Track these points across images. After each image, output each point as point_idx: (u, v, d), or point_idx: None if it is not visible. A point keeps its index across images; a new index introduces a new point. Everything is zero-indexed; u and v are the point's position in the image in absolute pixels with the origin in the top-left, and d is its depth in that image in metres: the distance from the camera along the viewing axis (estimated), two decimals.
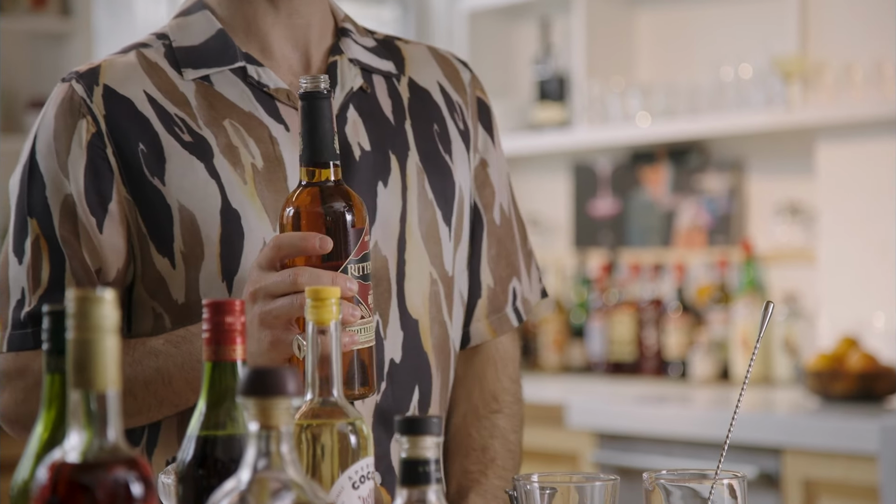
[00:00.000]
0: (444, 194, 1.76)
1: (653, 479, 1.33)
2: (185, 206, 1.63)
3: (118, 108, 1.65)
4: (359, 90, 1.75)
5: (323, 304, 1.24)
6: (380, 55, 1.80)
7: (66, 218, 1.64)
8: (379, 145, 1.73)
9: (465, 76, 1.85)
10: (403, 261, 1.71)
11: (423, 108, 1.79)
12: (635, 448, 3.64)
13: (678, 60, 4.52)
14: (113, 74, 1.67)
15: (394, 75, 1.79)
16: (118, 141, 1.64)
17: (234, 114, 1.68)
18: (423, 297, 1.73)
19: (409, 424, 1.10)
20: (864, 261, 3.93)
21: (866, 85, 3.79)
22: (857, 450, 3.19)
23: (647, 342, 4.37)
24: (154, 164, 1.64)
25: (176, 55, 1.70)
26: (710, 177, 4.43)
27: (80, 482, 0.93)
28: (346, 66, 1.74)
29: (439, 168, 1.77)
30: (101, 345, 0.96)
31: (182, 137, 1.65)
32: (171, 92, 1.68)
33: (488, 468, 1.77)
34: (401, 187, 1.73)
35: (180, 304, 1.65)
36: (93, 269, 1.65)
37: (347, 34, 1.77)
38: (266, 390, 1.00)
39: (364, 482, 1.24)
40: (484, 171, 1.84)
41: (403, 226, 1.72)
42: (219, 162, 1.65)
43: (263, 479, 1.00)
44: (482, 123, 1.85)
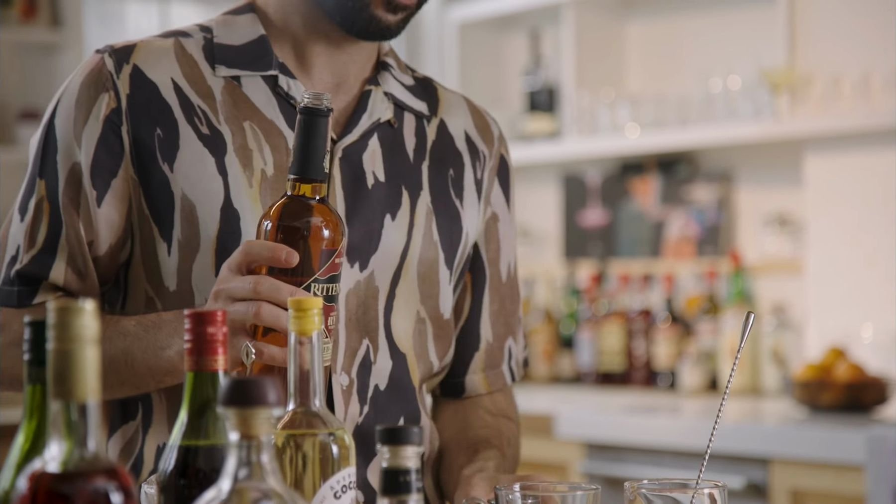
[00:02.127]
0: (451, 238, 1.77)
1: (634, 489, 1.34)
2: (187, 196, 1.65)
3: (142, 90, 1.67)
4: (386, 122, 1.76)
5: (305, 314, 1.25)
6: (416, 94, 1.81)
7: (71, 185, 1.66)
8: (394, 179, 1.74)
9: (495, 131, 1.87)
10: (393, 295, 1.72)
11: (445, 152, 1.80)
12: (624, 458, 3.65)
13: (667, 72, 4.53)
14: (146, 56, 1.69)
15: (425, 116, 1.80)
16: (135, 121, 1.66)
17: (256, 118, 1.69)
18: (408, 333, 1.74)
19: (389, 434, 1.11)
20: (851, 272, 3.94)
21: (854, 96, 3.81)
22: (844, 460, 3.20)
23: (637, 353, 4.38)
24: (167, 150, 1.66)
25: (214, 50, 1.72)
26: (699, 188, 4.44)
27: (59, 492, 0.94)
28: (380, 98, 1.76)
29: (449, 212, 1.78)
30: (82, 355, 0.96)
31: (200, 129, 1.67)
32: (199, 83, 1.69)
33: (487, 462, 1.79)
34: (408, 224, 1.73)
35: (171, 291, 1.66)
36: (85, 240, 1.67)
37: (388, 68, 1.79)
38: (246, 400, 1.00)
39: (346, 492, 1.24)
40: (494, 226, 1.85)
41: (402, 262, 1.72)
42: (230, 160, 1.66)
43: (244, 488, 1.00)
44: (500, 180, 1.86)
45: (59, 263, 1.67)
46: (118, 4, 5.23)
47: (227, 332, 1.15)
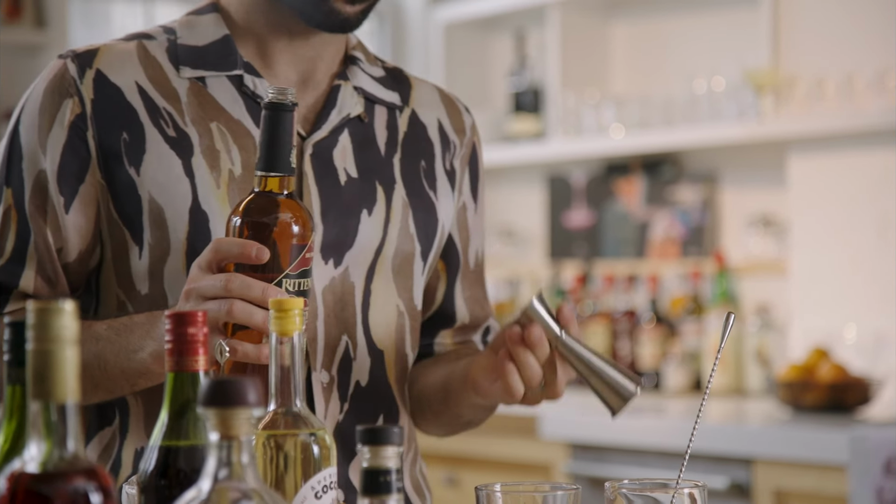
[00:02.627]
0: (427, 230, 1.77)
1: (615, 489, 1.34)
2: (155, 200, 1.64)
3: (106, 94, 1.66)
4: (356, 118, 1.75)
5: (286, 315, 1.25)
6: (386, 85, 1.81)
7: (37, 193, 1.66)
8: (366, 174, 1.73)
9: (467, 120, 1.87)
10: (369, 291, 1.72)
11: (416, 142, 1.80)
12: (609, 459, 3.65)
13: (652, 73, 4.54)
14: (108, 60, 1.68)
15: (397, 107, 1.80)
16: (101, 126, 1.65)
17: (223, 118, 1.69)
18: (388, 328, 1.74)
19: (370, 434, 1.11)
20: (835, 272, 3.96)
21: (838, 98, 3.82)
22: (827, 460, 3.21)
23: (621, 353, 4.38)
24: (134, 153, 1.65)
25: (178, 52, 1.71)
26: (684, 189, 4.45)
27: (38, 492, 0.94)
28: (349, 93, 1.75)
29: (424, 204, 1.78)
30: (61, 355, 0.96)
31: (166, 131, 1.66)
32: (164, 85, 1.69)
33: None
34: (384, 219, 1.73)
35: (143, 294, 1.66)
36: (54, 247, 1.66)
37: (356, 62, 1.79)
38: (226, 400, 1.00)
39: (327, 492, 1.25)
40: (464, 214, 1.85)
41: (377, 257, 1.72)
42: (197, 161, 1.66)
43: (223, 488, 1.00)
44: (470, 169, 1.86)
45: (29, 272, 1.66)
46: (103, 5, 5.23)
47: (207, 332, 1.15)
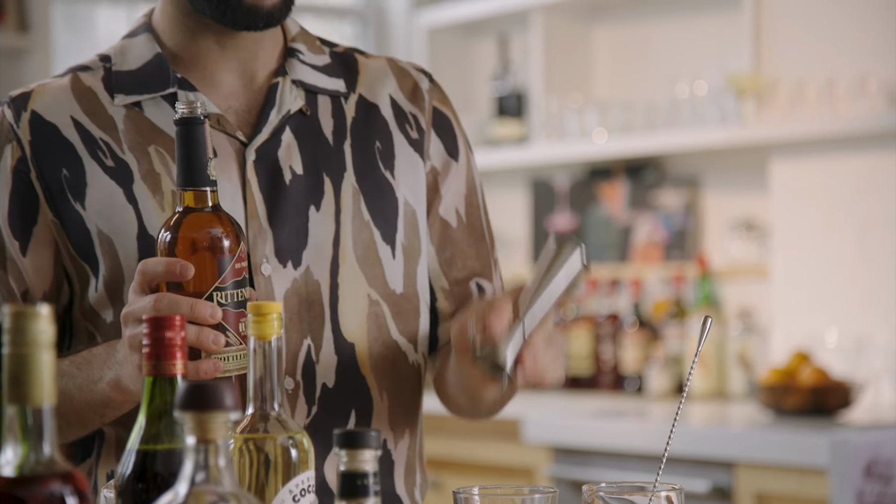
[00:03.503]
0: (384, 213, 1.75)
1: (592, 492, 1.35)
2: (102, 231, 1.65)
3: (43, 134, 1.68)
4: (297, 112, 1.74)
5: (264, 319, 1.26)
6: (330, 73, 1.79)
7: None
8: (313, 168, 1.72)
9: (423, 85, 1.84)
10: (336, 284, 1.71)
11: (367, 125, 1.78)
12: (591, 462, 3.66)
13: (634, 77, 4.55)
14: (42, 100, 1.70)
15: (342, 94, 1.78)
16: (41, 166, 1.67)
17: (161, 140, 1.68)
18: (359, 319, 1.72)
19: (347, 438, 1.12)
20: (817, 276, 3.97)
21: (819, 102, 3.83)
22: (808, 463, 3.22)
23: (604, 357, 4.39)
24: (76, 188, 1.66)
25: (112, 79, 1.72)
26: (667, 193, 4.46)
27: (14, 496, 0.94)
28: (288, 89, 1.74)
29: (378, 186, 1.75)
30: (37, 359, 0.97)
31: (105, 162, 1.67)
32: (100, 116, 1.69)
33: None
34: (334, 210, 1.72)
35: (108, 322, 1.67)
36: (18, 291, 1.68)
37: (295, 54, 1.77)
38: (203, 404, 1.01)
39: (305, 495, 1.25)
40: (434, 178, 1.81)
41: (336, 249, 1.71)
42: (138, 188, 1.66)
43: (200, 492, 1.01)
44: (436, 131, 1.82)
45: None
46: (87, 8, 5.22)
47: (184, 336, 1.15)
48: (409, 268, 1.77)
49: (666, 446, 1.40)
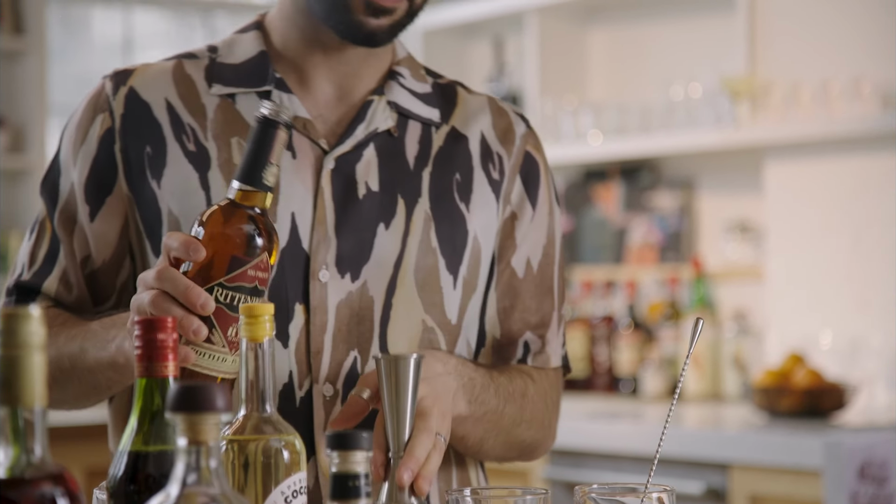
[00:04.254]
0: (453, 242, 1.74)
1: (584, 494, 1.35)
2: (172, 212, 1.68)
3: (135, 110, 1.72)
4: (385, 132, 1.75)
5: (256, 321, 1.26)
6: (427, 102, 1.79)
7: (67, 205, 1.73)
8: (389, 188, 1.72)
9: (518, 129, 1.83)
10: (390, 304, 1.70)
11: (451, 156, 1.78)
12: (586, 464, 3.66)
13: (629, 79, 4.56)
14: (142, 79, 1.74)
15: (434, 123, 1.78)
16: (127, 140, 1.71)
17: (245, 133, 1.70)
18: (410, 343, 1.71)
19: (339, 439, 1.12)
20: (811, 278, 3.97)
21: (813, 104, 3.84)
22: (802, 465, 3.23)
23: (599, 359, 4.40)
24: (155, 167, 1.70)
25: (214, 70, 1.75)
26: (661, 195, 4.46)
27: (6, 497, 0.94)
28: (381, 108, 1.75)
29: (451, 216, 1.75)
30: (29, 361, 0.97)
31: (187, 146, 1.70)
32: (192, 102, 1.73)
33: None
34: (403, 232, 1.72)
35: None
36: (79, 256, 1.72)
37: (396, 77, 1.78)
38: (194, 406, 1.01)
39: (297, 497, 1.25)
40: (511, 224, 1.80)
41: (397, 270, 1.70)
42: (213, 175, 1.68)
43: (192, 493, 1.01)
44: (522, 177, 1.81)
45: (53, 278, 1.73)
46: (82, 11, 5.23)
47: (176, 338, 1.16)
48: (464, 301, 1.76)
49: (658, 448, 1.40)
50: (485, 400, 1.67)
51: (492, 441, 1.71)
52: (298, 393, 1.65)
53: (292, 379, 1.65)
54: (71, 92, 5.03)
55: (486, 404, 1.67)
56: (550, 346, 1.81)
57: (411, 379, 1.44)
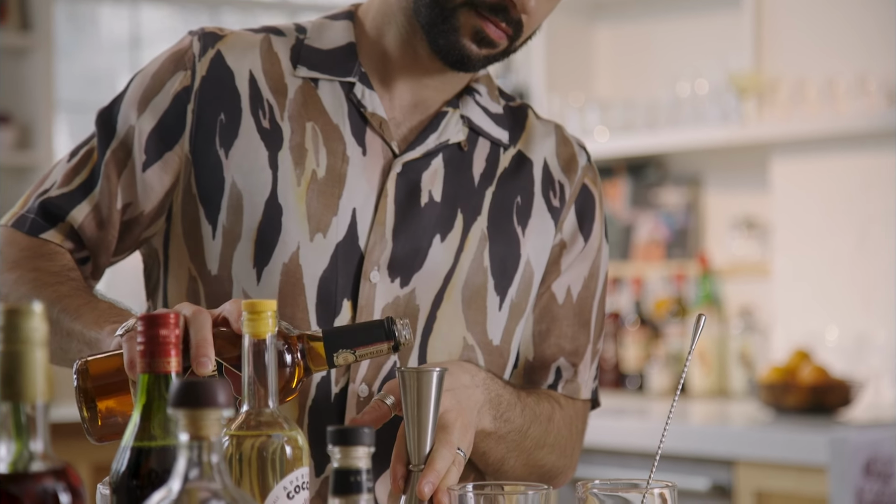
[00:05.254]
0: (504, 264, 1.73)
1: (586, 489, 1.36)
2: (236, 185, 1.67)
3: (218, 75, 1.71)
4: (456, 145, 1.75)
5: (259, 317, 1.26)
6: (499, 122, 1.79)
7: (122, 146, 1.71)
8: (451, 201, 1.72)
9: (580, 160, 1.82)
10: (434, 317, 1.70)
11: (514, 179, 1.77)
12: (592, 460, 3.66)
13: (636, 76, 4.56)
14: (231, 45, 1.73)
15: (503, 144, 1.78)
16: (202, 102, 1.70)
17: (321, 120, 1.71)
18: (448, 357, 1.70)
19: (340, 435, 1.12)
20: (817, 275, 3.97)
21: (819, 101, 3.84)
22: (807, 462, 3.23)
23: (606, 355, 4.40)
24: (226, 136, 1.69)
25: (301, 51, 1.74)
26: (668, 191, 4.46)
27: (8, 492, 0.95)
28: (454, 120, 1.75)
29: (506, 238, 1.74)
30: (31, 357, 0.97)
31: (261, 122, 1.70)
32: (275, 80, 1.72)
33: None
34: (457, 247, 1.71)
35: (213, 275, 1.68)
36: (122, 200, 1.70)
37: (472, 93, 1.78)
38: (196, 401, 1.01)
39: (299, 492, 1.26)
40: (559, 251, 1.79)
41: (446, 284, 1.70)
42: (283, 156, 1.68)
43: (194, 489, 1.01)
44: (576, 208, 1.80)
45: (85, 206, 1.70)
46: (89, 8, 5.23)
47: (179, 334, 1.16)
48: (510, 323, 1.75)
49: (659, 444, 1.41)
50: (510, 418, 1.66)
51: (513, 461, 1.70)
52: (334, 389, 1.65)
53: (330, 374, 1.65)
54: (78, 89, 5.03)
55: (511, 422, 1.66)
56: (582, 377, 1.80)
57: (434, 393, 1.45)
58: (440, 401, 1.46)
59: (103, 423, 1.39)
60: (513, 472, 1.71)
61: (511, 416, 1.66)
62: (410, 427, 1.46)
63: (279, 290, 1.65)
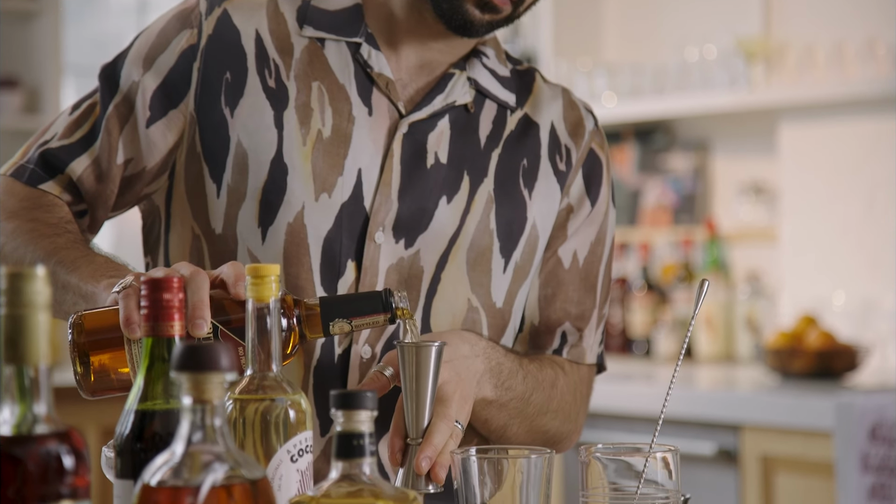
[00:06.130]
0: (510, 227, 1.74)
1: (589, 453, 1.36)
2: (241, 144, 1.67)
3: (224, 34, 1.71)
4: (462, 107, 1.75)
5: (262, 281, 1.27)
6: (506, 85, 1.79)
7: (124, 102, 1.71)
8: (457, 163, 1.72)
9: (587, 124, 1.82)
10: (439, 278, 1.70)
11: (521, 142, 1.77)
12: (598, 425, 3.67)
13: (644, 41, 4.55)
14: (238, 4, 1.73)
15: (509, 107, 1.78)
16: (208, 60, 1.70)
17: (327, 80, 1.71)
18: (453, 319, 1.71)
19: (343, 399, 1.13)
20: (825, 240, 3.97)
21: (828, 66, 3.83)
22: (813, 426, 3.23)
23: (613, 320, 4.40)
24: (231, 95, 1.69)
25: (307, 12, 1.74)
26: (676, 157, 4.46)
27: (12, 454, 0.95)
28: (461, 82, 1.75)
29: (512, 201, 1.74)
30: (33, 320, 0.98)
31: (267, 81, 1.70)
32: (282, 39, 1.72)
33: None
34: (463, 209, 1.72)
35: (217, 234, 1.68)
36: (124, 155, 1.70)
37: (479, 56, 1.78)
38: (199, 365, 1.02)
39: (302, 455, 1.26)
40: (566, 216, 1.79)
41: (451, 246, 1.70)
42: (288, 115, 1.68)
43: (197, 451, 1.02)
44: (584, 172, 1.80)
45: (84, 159, 1.70)
46: None
47: (182, 298, 1.16)
48: (513, 286, 1.75)
49: (662, 408, 1.41)
50: (511, 386, 1.66)
51: (515, 427, 1.71)
52: (337, 350, 1.65)
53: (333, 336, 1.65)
54: (86, 53, 5.03)
55: (512, 390, 1.67)
56: (587, 341, 1.80)
57: (432, 367, 1.46)
58: (439, 374, 1.47)
59: (96, 378, 1.40)
60: (516, 438, 1.72)
61: (512, 384, 1.67)
62: (408, 400, 1.46)
63: (284, 251, 1.65)
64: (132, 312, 1.36)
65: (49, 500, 0.96)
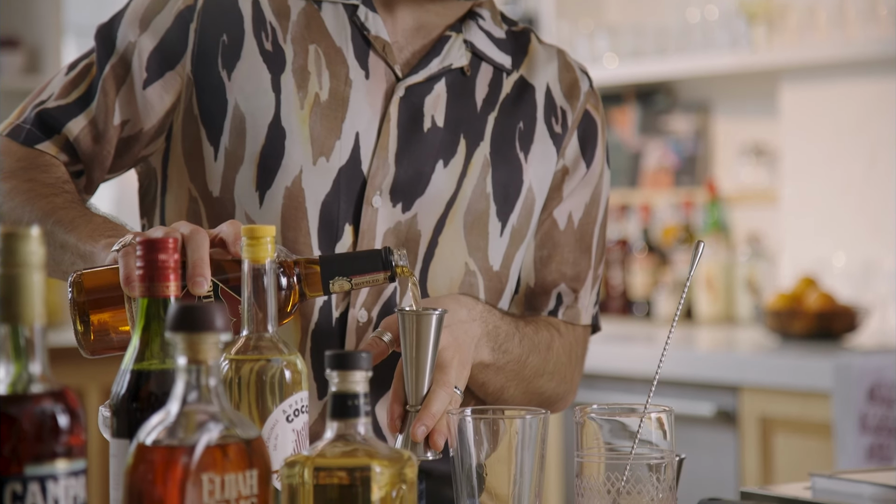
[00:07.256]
0: (507, 191, 1.74)
1: (584, 414, 1.37)
2: (239, 107, 1.67)
3: None
4: (458, 70, 1.74)
5: (258, 242, 1.27)
6: (501, 47, 1.78)
7: (121, 62, 1.71)
8: (453, 126, 1.72)
9: (583, 86, 1.82)
10: (436, 242, 1.70)
11: (517, 104, 1.77)
12: (599, 386, 3.69)
13: (646, 2, 4.53)
14: None
15: (505, 69, 1.78)
16: (205, 22, 1.69)
17: (324, 42, 1.70)
18: (451, 283, 1.71)
19: (338, 359, 1.13)
20: (825, 202, 3.97)
21: (829, 27, 3.82)
22: (812, 387, 3.24)
23: (613, 282, 4.41)
24: (228, 57, 1.68)
25: None
26: (677, 118, 4.45)
27: (6, 413, 0.96)
28: (457, 45, 1.74)
29: (509, 164, 1.74)
30: (28, 280, 0.98)
31: (264, 44, 1.69)
32: (278, 2, 1.71)
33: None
34: (460, 172, 1.71)
35: (214, 196, 1.68)
36: (121, 116, 1.70)
37: (475, 18, 1.77)
38: (194, 325, 1.02)
39: (298, 415, 1.27)
40: (561, 177, 1.79)
41: (448, 209, 1.70)
42: (286, 78, 1.68)
43: (192, 411, 1.03)
44: (579, 134, 1.80)
45: (81, 119, 1.70)
46: None
47: (178, 259, 1.17)
48: (510, 249, 1.75)
49: (657, 369, 1.42)
50: (508, 349, 1.67)
51: (512, 390, 1.71)
52: (334, 313, 1.66)
53: (331, 298, 1.65)
54: (87, 13, 5.02)
55: (509, 353, 1.67)
56: (582, 302, 1.81)
57: (433, 335, 1.46)
58: (438, 342, 1.47)
59: (96, 338, 1.40)
60: (512, 399, 1.73)
61: (509, 347, 1.67)
62: (408, 367, 1.47)
63: (281, 214, 1.65)
64: (132, 270, 1.36)
65: (44, 458, 0.97)
